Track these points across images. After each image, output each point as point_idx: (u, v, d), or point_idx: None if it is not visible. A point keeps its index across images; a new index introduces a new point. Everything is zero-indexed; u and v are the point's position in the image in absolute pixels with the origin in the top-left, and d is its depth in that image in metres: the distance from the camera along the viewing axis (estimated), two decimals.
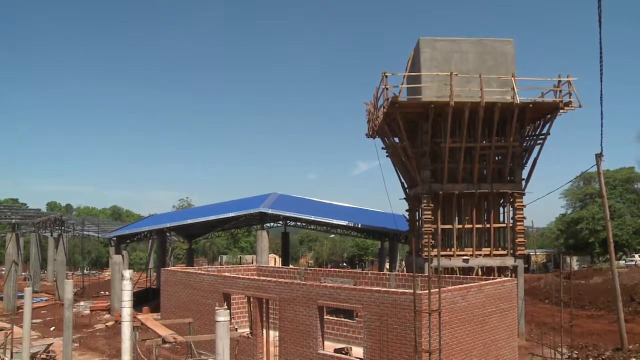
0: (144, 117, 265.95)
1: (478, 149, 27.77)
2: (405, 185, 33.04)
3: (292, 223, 51.06)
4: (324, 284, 22.58)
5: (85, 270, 71.22)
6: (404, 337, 17.89)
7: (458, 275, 25.16)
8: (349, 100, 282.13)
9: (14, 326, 26.46)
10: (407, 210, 33.71)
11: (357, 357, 20.47)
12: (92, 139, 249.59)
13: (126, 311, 13.52)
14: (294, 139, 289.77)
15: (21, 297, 36.11)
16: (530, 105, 26.89)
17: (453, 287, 19.66)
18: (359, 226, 42.10)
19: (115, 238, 44.06)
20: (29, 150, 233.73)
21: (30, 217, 51.80)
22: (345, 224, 41.92)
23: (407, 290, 19.20)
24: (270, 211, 38.79)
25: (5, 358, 23.34)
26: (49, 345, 27.15)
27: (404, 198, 33.44)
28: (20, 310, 32.57)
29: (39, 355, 25.31)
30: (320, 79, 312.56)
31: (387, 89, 26.97)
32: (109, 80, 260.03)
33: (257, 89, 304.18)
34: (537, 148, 29.13)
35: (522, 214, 28.70)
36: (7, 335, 24.59)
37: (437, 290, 17.12)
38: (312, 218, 42.35)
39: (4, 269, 51.66)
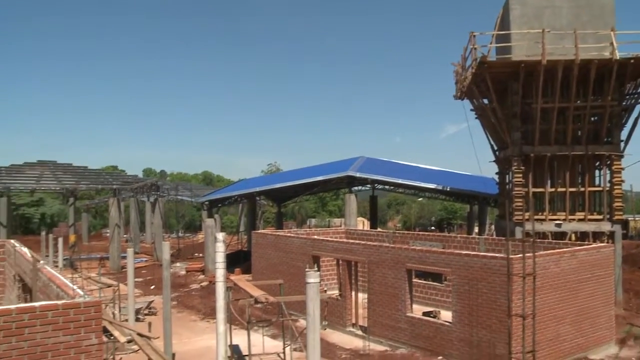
0: (233, 84, 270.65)
1: (572, 109, 26.67)
2: (495, 148, 32.26)
3: (380, 186, 50.96)
4: (412, 247, 22.61)
5: (179, 233, 74.01)
6: (493, 302, 17.75)
7: (550, 240, 24.49)
8: (436, 61, 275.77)
9: (120, 284, 28.06)
10: (496, 173, 32.96)
11: (445, 321, 20.49)
12: (183, 106, 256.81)
13: (220, 272, 14.05)
14: (379, 102, 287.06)
15: (124, 257, 38.15)
16: (632, 61, 25.41)
17: (545, 252, 19.22)
18: (448, 189, 41.52)
19: (207, 202, 45.46)
20: (126, 119, 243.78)
21: (128, 183, 54.28)
22: (433, 187, 41.45)
23: (497, 255, 18.96)
24: (358, 174, 38.87)
25: (115, 312, 24.88)
26: (151, 302, 28.69)
27: (494, 161, 32.68)
28: (124, 270, 34.36)
29: (142, 311, 26.84)
30: (406, 41, 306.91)
31: (475, 49, 26.25)
32: (202, 49, 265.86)
33: (343, 53, 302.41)
34: (638, 107, 27.69)
35: (621, 177, 27.47)
36: (115, 292, 26.19)
37: (530, 254, 16.81)
38: (400, 181, 42.13)
39: (108, 231, 54.56)
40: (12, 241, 20.55)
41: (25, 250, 17.37)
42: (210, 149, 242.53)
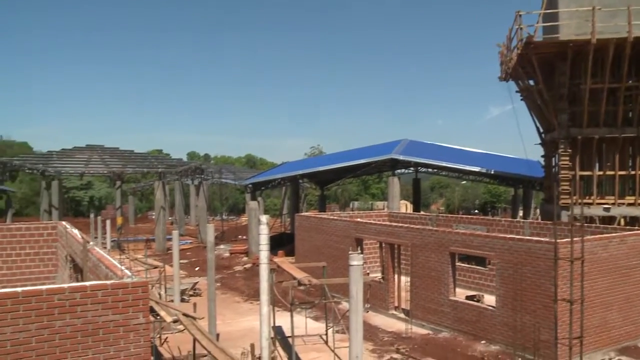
0: (276, 68, 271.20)
1: (623, 90, 25.90)
2: (541, 130, 31.64)
3: (423, 169, 50.63)
4: (456, 231, 22.44)
5: (223, 216, 74.88)
6: (538, 287, 17.53)
7: (598, 225, 23.99)
8: (480, 42, 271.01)
9: (165, 265, 28.68)
10: (542, 156, 32.36)
11: (489, 305, 20.33)
12: (226, 90, 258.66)
13: (264, 254, 14.18)
14: (421, 85, 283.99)
15: (169, 239, 38.87)
16: None
17: (593, 236, 18.85)
18: (492, 172, 40.95)
19: (250, 185, 45.85)
20: (171, 103, 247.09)
21: (173, 167, 55.13)
22: (477, 170, 40.95)
23: (543, 239, 18.69)
24: (401, 157, 38.66)
25: (161, 292, 25.44)
26: (195, 283, 29.21)
27: (539, 143, 32.08)
28: (170, 251, 35.09)
29: (187, 292, 27.37)
30: (449, 23, 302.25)
31: (521, 28, 25.68)
32: (245, 35, 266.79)
33: (384, 37, 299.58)
34: None
35: None
36: (161, 273, 26.78)
37: (578, 238, 16.51)
38: (444, 164, 41.74)
39: (154, 214, 55.62)
40: (64, 223, 21.13)
41: (75, 231, 17.84)
42: (254, 132, 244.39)
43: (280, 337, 20.12)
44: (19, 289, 8.98)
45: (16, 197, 79.30)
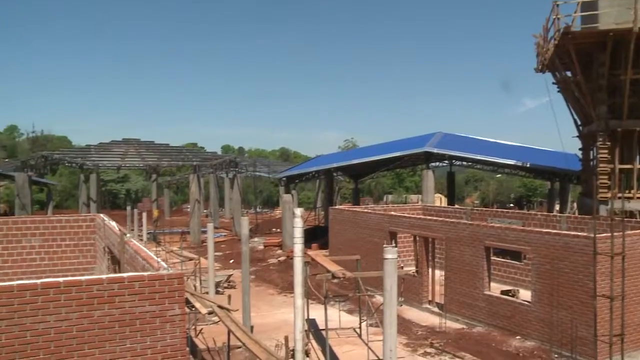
0: (311, 61, 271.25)
1: None
2: (579, 123, 31.05)
3: (458, 162, 50.22)
4: (491, 224, 22.22)
5: (257, 209, 75.33)
6: (576, 282, 17.25)
7: (638, 220, 23.49)
8: (515, 33, 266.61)
9: (200, 257, 28.97)
10: (580, 149, 31.77)
11: (524, 300, 20.10)
12: (260, 84, 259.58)
13: (298, 247, 14.22)
14: (456, 77, 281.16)
15: (204, 232, 39.26)
16: None
17: (633, 231, 18.46)
18: (528, 165, 40.37)
19: (284, 178, 46.03)
20: (205, 97, 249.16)
21: (208, 160, 55.60)
22: (512, 163, 40.43)
23: (580, 233, 18.39)
24: (435, 150, 38.38)
25: (196, 284, 25.74)
26: (230, 275, 29.46)
27: (577, 136, 31.48)
28: (204, 244, 35.39)
29: (221, 284, 27.63)
30: (482, 14, 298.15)
31: (558, 18, 25.17)
32: (281, 29, 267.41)
33: (418, 29, 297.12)
34: None
35: None
36: (196, 265, 27.08)
37: (618, 233, 16.20)
38: (479, 157, 41.32)
39: (188, 206, 56.25)
40: (102, 215, 21.53)
41: (113, 224, 18.16)
42: (288, 125, 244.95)
43: (313, 329, 20.20)
44: (60, 279, 9.20)
45: (56, 190, 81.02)
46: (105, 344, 9.31)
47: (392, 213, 28.76)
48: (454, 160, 47.99)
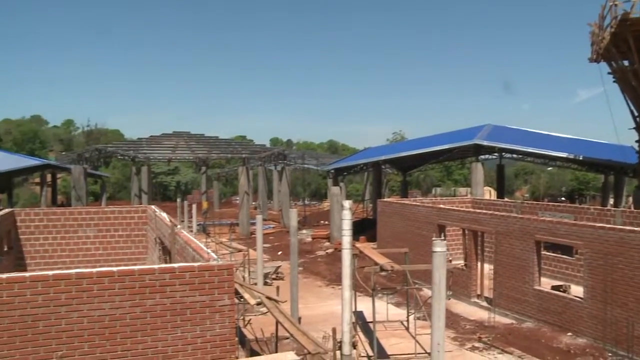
0: (358, 53, 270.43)
1: None
2: (636, 114, 30.14)
3: (508, 155, 49.34)
4: (542, 218, 21.83)
5: (305, 201, 75.67)
6: (631, 279, 16.81)
7: None
8: (568, 22, 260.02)
9: (249, 249, 29.32)
10: (636, 141, 30.88)
11: (576, 296, 19.70)
12: (308, 76, 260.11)
13: (346, 239, 14.25)
14: (506, 68, 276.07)
15: (253, 223, 39.70)
16: None
17: None
18: (580, 158, 39.42)
19: (332, 170, 46.08)
20: (253, 90, 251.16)
21: (257, 152, 56.11)
22: (564, 155, 39.53)
23: (637, 228, 17.90)
24: (485, 143, 37.85)
25: (245, 275, 26.08)
26: (278, 267, 29.74)
27: (634, 127, 30.58)
28: (253, 235, 35.82)
29: (270, 275, 27.92)
30: (533, 2, 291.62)
31: (615, 5, 24.43)
32: (328, 20, 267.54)
33: (467, 17, 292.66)
34: None
35: None
36: (245, 256, 27.43)
37: None
38: (529, 150, 40.54)
39: (237, 198, 56.92)
40: (153, 207, 22.01)
41: (164, 215, 18.54)
42: (336, 118, 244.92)
43: (361, 322, 20.25)
44: (114, 269, 9.48)
45: (109, 182, 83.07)
46: (157, 332, 9.56)
47: (441, 206, 28.53)
48: (503, 153, 47.14)
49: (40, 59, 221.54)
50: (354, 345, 15.97)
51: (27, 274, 9.25)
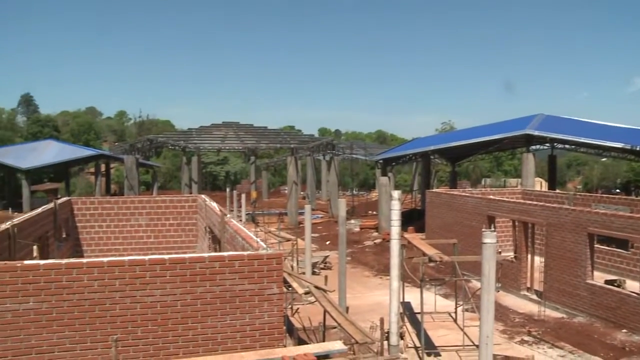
0: (408, 44, 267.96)
1: None
2: None
3: (560, 145, 48.19)
4: (595, 210, 21.33)
5: (354, 191, 75.60)
6: None
7: None
8: (627, 9, 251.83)
9: (297, 238, 29.54)
10: None
11: (632, 292, 19.20)
12: (356, 67, 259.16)
13: (395, 230, 14.23)
14: (561, 55, 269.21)
15: (301, 213, 39.95)
16: None
17: None
18: (637, 148, 38.27)
19: (381, 161, 45.89)
20: (302, 80, 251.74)
21: (305, 142, 56.29)
22: (620, 146, 38.36)
23: None
24: (536, 133, 37.09)
25: (293, 264, 26.30)
26: (326, 257, 29.88)
27: None
28: (301, 225, 36.05)
29: (318, 265, 28.08)
30: None
31: None
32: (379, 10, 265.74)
33: (525, 7, 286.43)
34: None
35: None
36: (293, 246, 27.64)
37: None
38: (582, 140, 39.48)
39: (286, 188, 57.30)
40: (203, 196, 22.34)
41: (214, 204, 18.80)
42: (384, 108, 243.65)
43: (408, 312, 20.20)
44: (165, 256, 9.70)
45: (161, 172, 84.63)
46: (207, 319, 9.74)
47: (491, 197, 28.16)
48: (555, 143, 46.07)
49: (95, 53, 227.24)
50: (401, 336, 15.97)
51: (84, 260, 9.55)
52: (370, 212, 54.50)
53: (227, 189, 46.78)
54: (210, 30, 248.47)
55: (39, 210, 18.11)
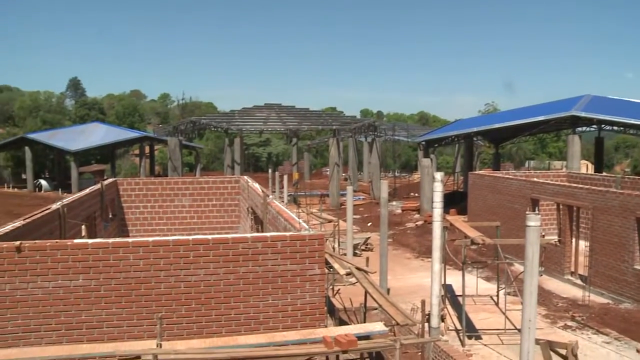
0: (449, 25, 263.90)
1: None
2: None
3: (607, 127, 47.09)
4: None
5: (396, 173, 75.25)
6: None
7: None
8: None
9: (339, 220, 29.62)
10: None
11: None
12: (397, 48, 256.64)
13: (437, 211, 14.16)
14: (608, 34, 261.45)
15: (343, 195, 39.96)
16: None
17: None
18: None
19: (423, 142, 45.54)
20: (344, 62, 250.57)
21: (347, 124, 56.14)
22: None
23: None
24: (582, 114, 36.26)
25: (334, 246, 26.41)
26: (367, 238, 29.91)
27: None
28: (343, 207, 36.09)
29: (359, 246, 28.13)
30: None
31: None
32: None
33: None
34: None
35: None
36: (335, 227, 27.73)
37: None
38: (631, 121, 38.42)
39: (327, 170, 57.36)
40: (245, 177, 22.56)
41: (256, 185, 18.98)
42: (426, 89, 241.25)
43: (450, 295, 20.13)
44: (209, 236, 9.87)
45: (203, 153, 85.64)
46: (249, 298, 9.89)
47: (535, 179, 27.72)
48: (603, 125, 45.03)
49: (139, 37, 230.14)
50: (442, 318, 15.95)
51: (129, 240, 9.78)
52: (412, 194, 54.22)
53: (269, 171, 47.07)
54: (252, 12, 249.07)
55: (87, 191, 18.57)
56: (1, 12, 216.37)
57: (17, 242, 9.31)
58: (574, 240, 22.87)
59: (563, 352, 12.57)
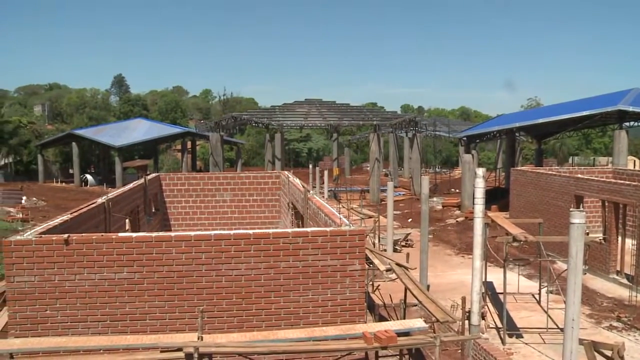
0: (491, 20, 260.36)
1: None
2: None
3: None
4: None
5: (436, 168, 74.65)
6: None
7: None
8: None
9: (379, 215, 29.58)
10: None
11: None
12: (439, 44, 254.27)
13: (479, 208, 14.03)
14: None
15: (383, 190, 39.87)
16: None
17: None
18: None
19: (464, 138, 45.08)
20: (384, 57, 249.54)
21: (388, 119, 55.92)
22: None
23: None
24: (630, 108, 35.34)
25: (375, 241, 26.39)
26: (408, 234, 29.79)
27: None
28: (383, 202, 36.01)
29: (399, 242, 28.04)
30: None
31: None
32: None
33: None
34: None
35: None
36: (375, 223, 27.70)
37: None
38: None
39: (368, 165, 57.27)
40: (286, 172, 22.68)
41: (297, 181, 19.07)
42: (468, 84, 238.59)
43: (490, 292, 19.92)
44: (250, 231, 9.97)
45: (244, 149, 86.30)
46: (289, 293, 9.97)
47: (579, 176, 27.19)
48: None
49: (182, 35, 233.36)
50: (482, 316, 15.82)
51: (172, 234, 9.96)
52: (452, 189, 53.78)
53: (310, 166, 47.20)
54: (293, 8, 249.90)
55: (131, 185, 18.94)
56: (52, 14, 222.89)
57: (66, 235, 9.57)
58: (620, 238, 22.37)
59: (608, 353, 12.30)
